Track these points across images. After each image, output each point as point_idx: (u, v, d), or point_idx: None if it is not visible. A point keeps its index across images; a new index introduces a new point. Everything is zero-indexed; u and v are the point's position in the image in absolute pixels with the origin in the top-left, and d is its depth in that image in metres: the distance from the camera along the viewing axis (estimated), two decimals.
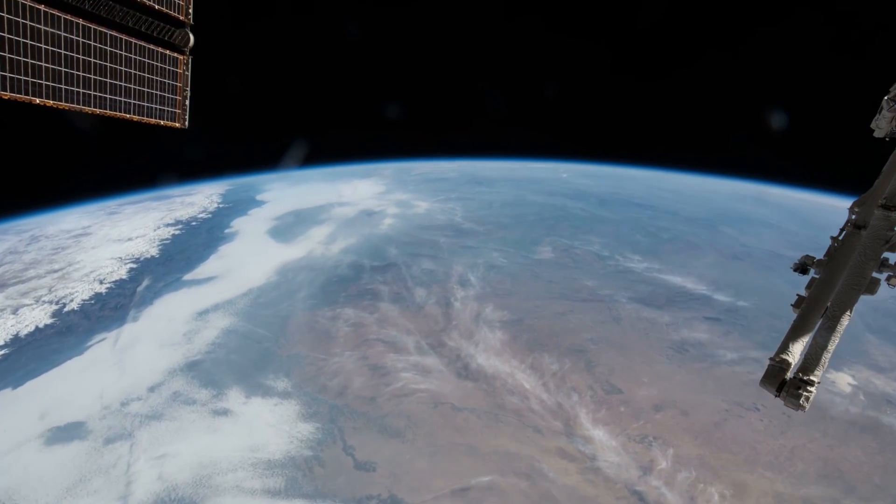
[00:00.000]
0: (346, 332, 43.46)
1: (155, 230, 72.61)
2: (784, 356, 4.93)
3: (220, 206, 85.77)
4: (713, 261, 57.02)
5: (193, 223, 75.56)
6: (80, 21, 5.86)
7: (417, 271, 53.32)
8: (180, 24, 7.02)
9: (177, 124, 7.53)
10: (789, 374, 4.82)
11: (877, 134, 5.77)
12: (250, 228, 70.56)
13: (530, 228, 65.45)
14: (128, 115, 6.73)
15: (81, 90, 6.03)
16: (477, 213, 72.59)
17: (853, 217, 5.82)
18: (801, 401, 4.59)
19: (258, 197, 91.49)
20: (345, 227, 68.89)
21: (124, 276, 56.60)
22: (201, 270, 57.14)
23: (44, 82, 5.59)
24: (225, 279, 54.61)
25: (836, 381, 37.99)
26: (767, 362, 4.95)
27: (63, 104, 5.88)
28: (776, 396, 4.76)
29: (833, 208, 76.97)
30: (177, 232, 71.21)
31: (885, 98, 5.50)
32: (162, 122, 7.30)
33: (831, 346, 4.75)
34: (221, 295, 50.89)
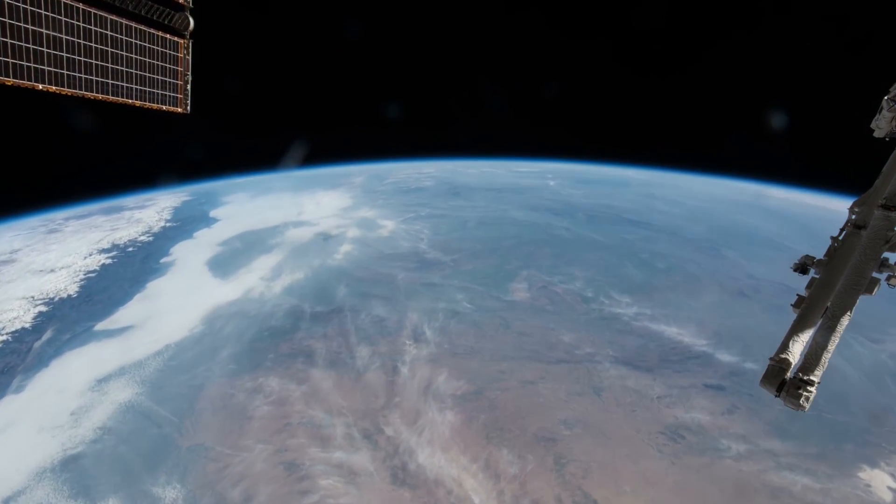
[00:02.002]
0: (264, 411, 35.47)
1: (85, 258, 64.27)
2: (784, 356, 4.89)
3: (167, 224, 77.26)
4: (715, 300, 48.79)
5: (130, 249, 67.19)
6: (81, 5, 5.61)
7: (365, 320, 45.12)
8: (180, 8, 6.72)
9: (178, 109, 7.21)
10: (789, 374, 4.79)
11: (877, 134, 5.65)
12: (189, 258, 62.14)
13: (505, 258, 56.98)
14: (129, 101, 6.47)
15: (83, 75, 5.80)
16: (447, 236, 63.95)
17: (853, 217, 5.75)
18: (802, 401, 4.57)
19: (212, 213, 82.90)
20: (295, 256, 60.45)
21: (27, 325, 48.50)
22: (118, 317, 48.99)
23: (46, 68, 5.36)
24: (141, 330, 46.50)
25: (871, 483, 30.03)
26: (768, 363, 4.91)
27: (66, 90, 5.67)
28: (776, 396, 4.74)
29: (835, 211, 68.63)
30: (108, 261, 62.89)
31: (885, 98, 5.41)
32: (164, 108, 7.00)
33: (831, 346, 4.73)
34: (132, 353, 42.82)
